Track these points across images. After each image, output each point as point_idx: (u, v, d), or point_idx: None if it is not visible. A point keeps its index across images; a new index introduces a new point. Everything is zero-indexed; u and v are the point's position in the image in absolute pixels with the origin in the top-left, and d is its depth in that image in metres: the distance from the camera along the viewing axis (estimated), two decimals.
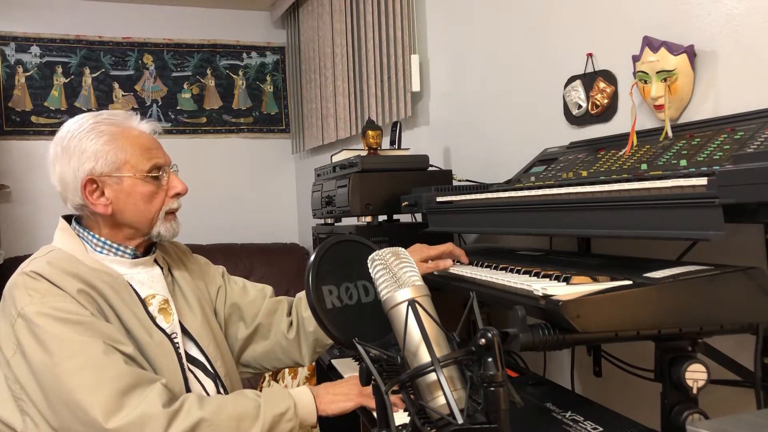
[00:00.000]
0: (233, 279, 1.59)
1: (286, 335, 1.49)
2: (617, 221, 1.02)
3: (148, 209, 1.33)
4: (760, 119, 1.13)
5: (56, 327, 1.15)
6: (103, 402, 1.10)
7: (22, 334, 1.17)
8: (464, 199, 1.51)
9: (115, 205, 1.31)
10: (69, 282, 1.22)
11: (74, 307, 1.19)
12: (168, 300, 1.36)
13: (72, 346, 1.14)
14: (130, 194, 1.31)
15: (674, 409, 0.93)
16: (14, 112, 3.82)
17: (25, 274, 1.23)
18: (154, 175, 1.32)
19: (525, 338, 0.85)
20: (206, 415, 1.15)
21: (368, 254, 0.83)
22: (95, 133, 1.30)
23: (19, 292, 1.20)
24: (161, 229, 1.34)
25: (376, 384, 0.74)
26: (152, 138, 1.37)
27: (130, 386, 1.13)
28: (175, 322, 1.35)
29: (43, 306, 1.17)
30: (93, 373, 1.12)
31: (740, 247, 1.20)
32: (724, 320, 0.93)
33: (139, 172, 1.31)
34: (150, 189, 1.32)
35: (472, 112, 2.24)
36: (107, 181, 1.30)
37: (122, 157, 1.30)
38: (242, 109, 4.34)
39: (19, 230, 3.77)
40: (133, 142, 1.32)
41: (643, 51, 1.36)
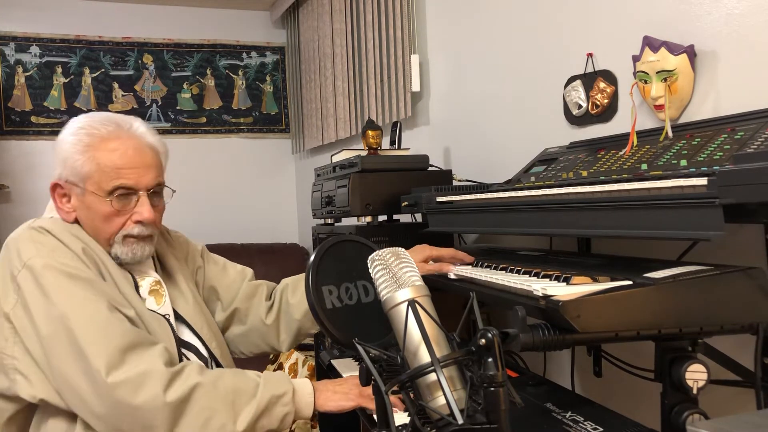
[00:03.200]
0: (213, 258, 1.57)
1: (264, 320, 1.48)
2: (617, 221, 1.02)
3: (104, 229, 1.27)
4: (760, 119, 1.13)
5: (63, 280, 1.16)
6: (106, 355, 1.11)
7: (26, 286, 1.16)
8: (464, 199, 1.51)
9: (78, 213, 1.29)
10: (73, 241, 1.23)
11: (80, 265, 1.20)
12: (160, 282, 1.36)
13: (78, 300, 1.15)
14: (89, 209, 1.27)
15: (674, 409, 0.93)
16: (14, 112, 3.82)
17: (32, 229, 1.23)
18: (118, 195, 1.25)
19: (525, 338, 0.85)
20: (204, 380, 1.16)
21: (368, 254, 0.83)
22: (75, 138, 1.27)
23: (25, 245, 1.20)
24: (118, 251, 1.28)
25: (376, 384, 0.74)
26: (137, 156, 1.27)
27: (132, 344, 1.14)
28: (167, 305, 1.34)
29: (50, 259, 1.17)
30: (98, 328, 1.13)
31: (740, 247, 1.20)
32: (724, 320, 0.93)
33: (101, 190, 1.25)
34: (108, 210, 1.25)
35: (472, 112, 2.23)
36: (73, 189, 1.27)
37: (87, 169, 1.25)
38: (242, 109, 4.34)
39: None
40: (104, 158, 1.25)
41: (644, 51, 1.36)
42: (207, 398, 1.15)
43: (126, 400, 1.10)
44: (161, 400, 1.11)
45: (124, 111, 4.04)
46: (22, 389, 1.17)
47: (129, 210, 1.28)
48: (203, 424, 1.13)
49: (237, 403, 1.17)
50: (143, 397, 1.10)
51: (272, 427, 1.21)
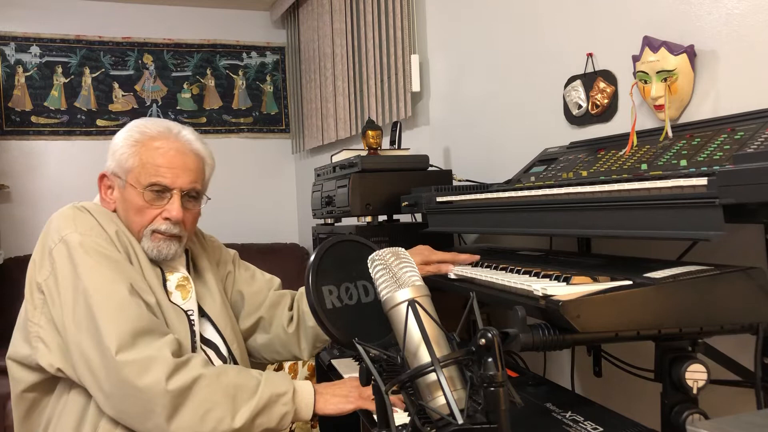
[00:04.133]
0: (244, 265, 1.61)
1: (286, 329, 1.50)
2: (617, 221, 1.02)
3: (136, 221, 1.33)
4: (760, 119, 1.13)
5: (93, 258, 1.22)
6: (119, 334, 1.15)
7: (60, 258, 1.22)
8: (464, 199, 1.51)
9: (117, 205, 1.36)
10: (109, 224, 1.30)
11: (112, 247, 1.26)
12: (188, 278, 1.39)
13: (103, 279, 1.20)
14: (125, 201, 1.34)
15: (674, 409, 0.93)
16: (14, 112, 3.82)
17: (73, 207, 1.31)
18: (152, 191, 1.32)
19: (525, 338, 0.85)
20: (207, 374, 1.18)
21: (368, 254, 0.83)
22: (127, 134, 1.36)
23: (65, 221, 1.27)
24: (145, 246, 1.33)
25: (376, 384, 0.74)
26: (176, 157, 1.34)
27: (145, 330, 1.18)
28: (192, 300, 1.37)
29: (86, 237, 1.24)
30: (116, 308, 1.18)
31: (740, 247, 1.20)
32: (724, 320, 0.93)
33: (138, 183, 1.32)
34: (142, 203, 1.32)
35: (472, 112, 2.24)
36: (116, 181, 1.35)
37: (131, 163, 1.33)
38: (242, 109, 4.34)
39: (19, 230, 3.77)
40: (148, 155, 1.33)
41: (643, 51, 1.36)
42: (208, 390, 1.16)
43: (131, 380, 1.13)
44: (163, 386, 1.13)
45: (124, 111, 4.05)
46: (42, 357, 1.22)
47: (160, 206, 1.33)
48: (202, 416, 1.15)
49: (237, 398, 1.18)
50: (147, 381, 1.13)
51: (270, 425, 1.21)
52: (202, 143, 1.41)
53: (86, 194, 1.46)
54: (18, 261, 3.50)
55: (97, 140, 3.98)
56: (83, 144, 3.96)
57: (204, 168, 1.41)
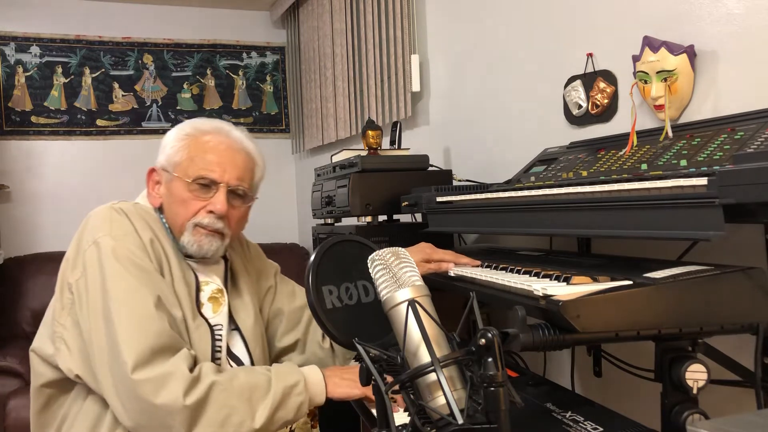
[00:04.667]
0: (284, 281, 1.57)
1: (321, 345, 1.48)
2: (617, 221, 1.02)
3: (179, 213, 1.31)
4: (761, 119, 1.13)
5: (123, 265, 1.20)
6: (137, 351, 1.13)
7: (91, 262, 1.21)
8: (464, 199, 1.51)
9: (163, 199, 1.34)
10: (145, 230, 1.27)
11: (143, 254, 1.24)
12: (222, 290, 1.37)
13: (130, 289, 1.18)
14: (172, 194, 1.32)
15: (674, 409, 0.93)
16: (14, 112, 3.82)
17: (111, 208, 1.29)
18: (199, 183, 1.30)
19: (525, 338, 0.85)
20: (221, 380, 1.17)
21: (368, 254, 0.83)
22: (179, 130, 1.36)
23: (101, 222, 1.25)
24: (186, 240, 1.31)
25: (376, 384, 0.74)
26: (225, 152, 1.33)
27: (165, 347, 1.16)
28: (223, 314, 1.35)
29: (118, 243, 1.22)
30: (139, 322, 1.16)
31: (740, 247, 1.20)
32: (724, 320, 0.93)
33: (186, 175, 1.30)
34: (187, 195, 1.30)
35: (472, 112, 2.23)
36: (164, 175, 1.34)
37: (181, 156, 1.32)
38: (242, 109, 4.34)
39: (19, 230, 3.76)
40: (197, 148, 1.32)
41: (644, 51, 1.36)
42: (224, 396, 1.16)
43: (147, 398, 1.12)
44: (180, 402, 1.12)
45: (124, 111, 4.04)
46: (63, 360, 1.21)
47: (205, 199, 1.31)
48: (222, 422, 1.14)
49: (253, 398, 1.18)
50: (164, 398, 1.12)
51: (289, 417, 1.21)
52: (254, 144, 1.41)
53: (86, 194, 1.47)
54: (18, 261, 3.50)
55: (97, 140, 3.98)
56: (83, 144, 3.95)
57: (254, 169, 1.39)
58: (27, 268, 3.42)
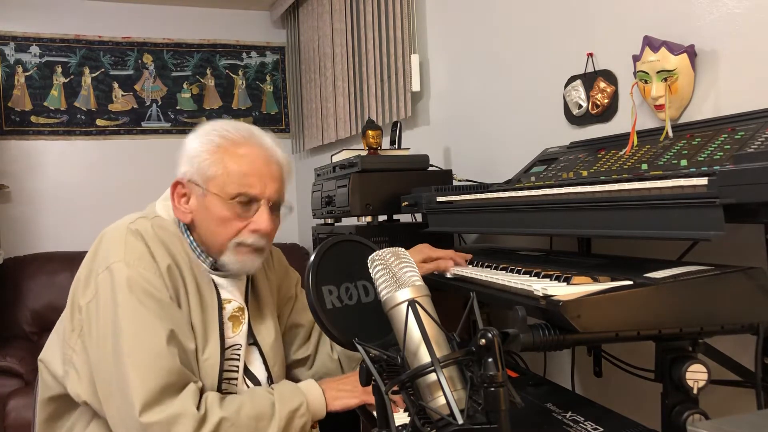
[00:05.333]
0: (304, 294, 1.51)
1: (331, 355, 1.47)
2: (617, 221, 1.02)
3: (219, 233, 1.24)
4: (761, 119, 1.13)
5: (136, 297, 1.14)
6: (146, 392, 1.09)
7: (103, 288, 1.16)
8: (464, 199, 1.51)
9: (194, 215, 1.26)
10: (163, 255, 1.20)
11: (159, 282, 1.17)
12: (243, 309, 1.33)
13: (142, 323, 1.13)
14: (208, 210, 1.24)
15: (675, 410, 0.93)
16: (14, 111, 3.82)
17: (128, 229, 1.21)
18: (239, 201, 1.23)
19: (525, 338, 0.85)
20: (228, 415, 1.14)
21: (368, 254, 0.83)
22: (206, 139, 1.25)
23: (116, 246, 1.19)
24: (227, 260, 1.25)
25: (376, 384, 0.74)
26: (264, 166, 1.25)
27: (173, 385, 1.13)
28: (243, 332, 1.31)
29: (132, 271, 1.16)
30: (149, 358, 1.12)
31: (740, 247, 1.20)
32: (724, 320, 0.93)
33: (223, 192, 1.22)
34: (227, 214, 1.23)
35: (472, 112, 2.23)
36: (194, 189, 1.25)
37: (214, 171, 1.22)
38: (242, 109, 4.34)
39: (19, 230, 3.76)
40: (233, 162, 1.23)
41: (644, 51, 1.36)
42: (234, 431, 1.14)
43: None
44: None
45: (124, 111, 4.04)
46: (71, 384, 1.18)
47: (247, 218, 1.24)
48: None
49: (260, 428, 1.16)
50: None
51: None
52: (282, 150, 1.32)
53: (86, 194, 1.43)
54: (18, 261, 3.50)
55: (97, 140, 3.97)
56: (83, 144, 3.95)
57: (285, 176, 1.31)
58: (27, 268, 3.42)
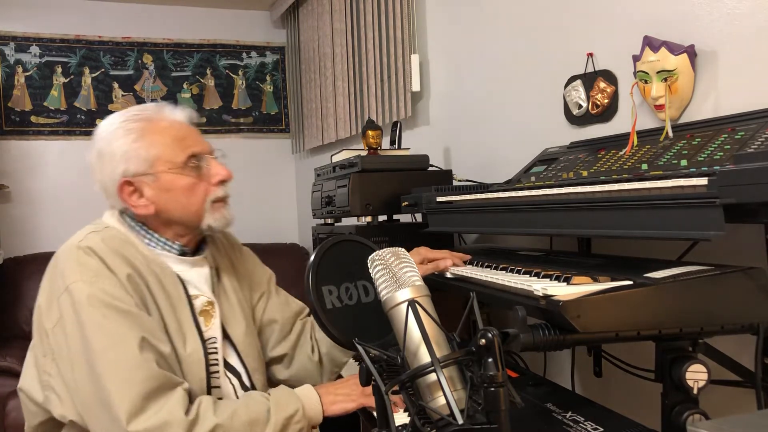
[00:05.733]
0: (278, 290, 1.53)
1: (311, 357, 1.46)
2: (618, 221, 1.02)
3: (192, 202, 1.25)
4: (761, 119, 1.13)
5: (100, 312, 1.12)
6: (129, 403, 1.08)
7: (66, 310, 1.14)
8: (464, 199, 1.51)
9: (157, 204, 1.25)
10: (120, 265, 1.18)
11: (121, 294, 1.16)
12: (213, 303, 1.32)
13: (111, 338, 1.11)
14: (169, 190, 1.24)
15: (675, 410, 0.93)
16: (14, 111, 3.82)
17: (79, 248, 1.19)
18: (192, 165, 1.25)
19: (525, 338, 0.85)
20: (221, 421, 1.13)
21: (368, 254, 0.83)
22: (122, 131, 1.24)
23: (70, 266, 1.17)
24: (210, 221, 1.27)
25: (376, 384, 0.74)
26: (186, 126, 1.29)
27: (156, 390, 1.11)
28: (216, 326, 1.30)
29: (91, 286, 1.14)
30: (125, 370, 1.10)
31: (740, 247, 1.20)
32: (724, 320, 0.93)
33: (174, 165, 1.23)
34: (189, 181, 1.24)
35: (472, 112, 2.23)
36: (144, 180, 1.24)
37: (153, 152, 1.23)
38: (242, 109, 4.34)
39: (19, 230, 3.76)
40: (164, 135, 1.24)
41: (644, 51, 1.36)
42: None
43: None
44: None
45: None
46: (54, 407, 1.16)
47: (206, 176, 1.27)
48: None
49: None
50: None
51: None
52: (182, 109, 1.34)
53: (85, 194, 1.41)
54: (18, 261, 3.50)
55: None
56: (83, 144, 3.95)
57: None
58: (27, 268, 3.42)
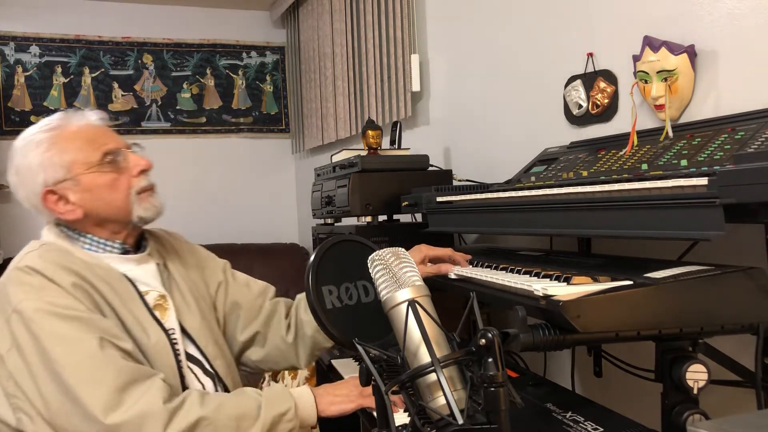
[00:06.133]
0: (236, 274, 1.55)
1: (285, 339, 1.47)
2: (618, 221, 1.02)
3: (116, 197, 1.27)
4: (761, 119, 1.13)
5: (52, 323, 1.13)
6: (101, 397, 1.09)
7: (18, 330, 1.14)
8: (464, 199, 1.51)
9: (83, 206, 1.27)
10: (63, 275, 1.18)
11: (70, 302, 1.16)
12: (165, 296, 1.33)
13: (68, 343, 1.12)
14: (91, 190, 1.26)
15: (675, 410, 0.93)
16: (13, 111, 3.82)
17: (19, 270, 1.20)
18: (108, 161, 1.27)
19: (525, 338, 0.85)
20: (206, 413, 1.13)
21: (368, 254, 0.83)
22: (33, 144, 1.26)
23: (14, 288, 1.18)
24: (140, 212, 1.29)
25: (376, 384, 0.74)
26: (96, 126, 1.31)
27: (128, 382, 1.12)
28: (172, 318, 1.32)
29: (38, 301, 1.14)
30: (91, 370, 1.11)
31: (740, 247, 1.20)
32: (724, 320, 0.93)
33: (90, 165, 1.25)
34: (109, 177, 1.27)
35: (472, 112, 2.23)
36: (65, 186, 1.25)
37: (67, 157, 1.25)
38: (242, 109, 4.34)
39: (19, 230, 3.76)
40: (74, 139, 1.26)
41: (644, 51, 1.36)
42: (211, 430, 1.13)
43: None
44: None
45: (124, 111, 4.04)
46: (26, 428, 1.15)
47: (125, 168, 1.29)
48: None
49: (241, 428, 1.15)
50: None
51: None
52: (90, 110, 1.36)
53: None
54: None
55: None
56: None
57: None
58: None
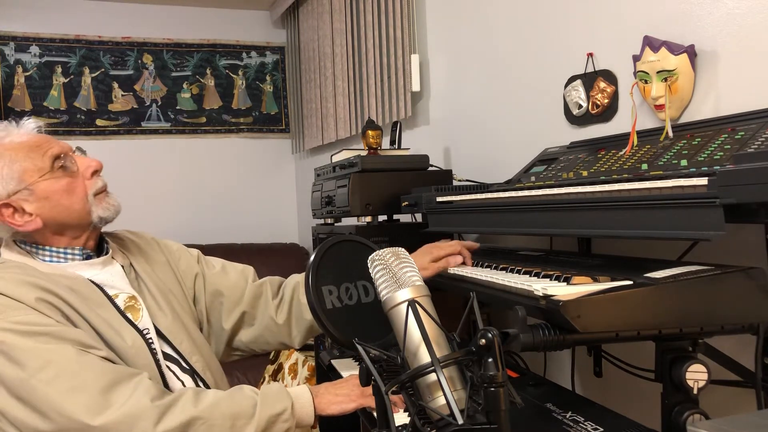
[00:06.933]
0: (210, 262, 1.54)
1: (275, 319, 1.46)
2: (618, 221, 1.02)
3: (75, 201, 1.27)
4: (761, 119, 1.13)
5: (22, 341, 1.10)
6: (85, 403, 1.07)
7: None
8: (464, 199, 1.51)
9: (41, 215, 1.25)
10: (25, 292, 1.15)
11: (36, 318, 1.13)
12: (135, 297, 1.32)
13: (42, 357, 1.10)
14: (48, 197, 1.25)
15: (675, 410, 0.93)
16: (14, 112, 3.81)
17: None
18: (59, 166, 1.26)
19: (525, 338, 0.85)
20: (200, 413, 1.12)
21: (368, 254, 0.83)
22: None
23: None
24: (100, 212, 1.29)
25: (376, 384, 0.74)
26: (38, 135, 1.30)
27: (112, 383, 1.10)
28: (145, 318, 1.30)
29: (3, 322, 1.11)
30: (70, 379, 1.09)
31: (740, 247, 1.20)
32: (724, 320, 0.93)
33: (43, 171, 1.24)
34: (65, 182, 1.26)
35: (472, 112, 2.23)
36: (20, 197, 1.24)
37: (17, 167, 1.23)
38: (242, 109, 4.34)
39: None
40: (19, 149, 1.25)
41: (644, 51, 1.36)
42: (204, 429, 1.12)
43: None
44: None
45: (124, 111, 4.05)
46: None
47: (77, 172, 1.29)
48: None
49: (236, 427, 1.14)
50: None
51: None
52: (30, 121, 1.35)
53: None
54: None
55: (97, 140, 3.98)
56: (82, 144, 3.91)
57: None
58: None
